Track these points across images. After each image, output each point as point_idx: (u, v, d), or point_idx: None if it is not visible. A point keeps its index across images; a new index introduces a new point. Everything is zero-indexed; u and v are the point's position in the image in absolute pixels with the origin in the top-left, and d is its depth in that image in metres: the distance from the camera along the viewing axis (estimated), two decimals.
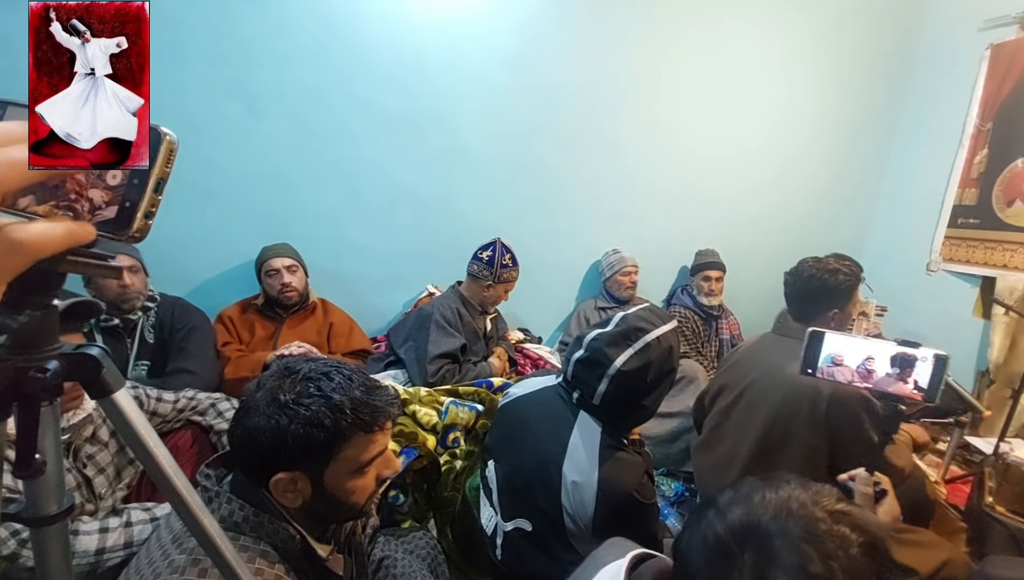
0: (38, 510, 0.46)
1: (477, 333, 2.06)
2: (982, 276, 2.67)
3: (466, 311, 2.01)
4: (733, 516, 0.58)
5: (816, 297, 1.46)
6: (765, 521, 0.57)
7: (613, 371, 1.02)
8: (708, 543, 0.58)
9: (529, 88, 2.37)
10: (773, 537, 0.55)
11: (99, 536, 0.95)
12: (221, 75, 1.92)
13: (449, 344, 1.86)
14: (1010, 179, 2.58)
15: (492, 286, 2.03)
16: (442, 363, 1.83)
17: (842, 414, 1.32)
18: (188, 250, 1.99)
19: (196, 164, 1.92)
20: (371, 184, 2.23)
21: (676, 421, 2.00)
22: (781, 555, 0.54)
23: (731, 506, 0.59)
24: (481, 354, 2.05)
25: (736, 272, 2.71)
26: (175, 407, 1.33)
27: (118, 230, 0.42)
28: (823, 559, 0.53)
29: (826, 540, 0.54)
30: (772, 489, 0.59)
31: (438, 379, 1.79)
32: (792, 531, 0.55)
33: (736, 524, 0.57)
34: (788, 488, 0.59)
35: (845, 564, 0.52)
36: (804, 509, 0.57)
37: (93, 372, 0.45)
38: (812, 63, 2.90)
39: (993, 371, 2.49)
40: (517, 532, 1.11)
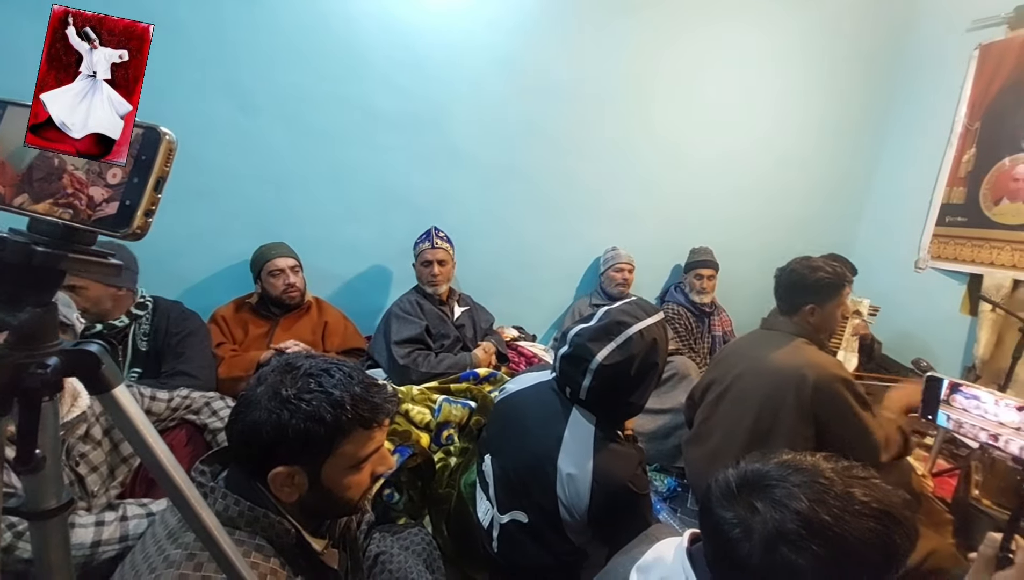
0: (38, 504, 0.47)
1: (443, 318, 2.11)
2: (969, 273, 2.71)
3: (424, 300, 2.10)
4: (746, 467, 0.61)
5: (794, 290, 1.53)
6: (771, 470, 0.59)
7: (595, 366, 1.03)
8: (720, 486, 0.61)
9: (523, 88, 2.38)
10: (773, 482, 0.58)
11: (95, 529, 0.95)
12: (213, 74, 1.91)
13: (410, 330, 1.95)
14: (997, 177, 2.62)
15: (418, 266, 2.14)
16: (410, 347, 1.91)
17: (826, 397, 1.35)
18: (180, 250, 1.98)
19: (188, 163, 1.90)
20: (365, 184, 2.23)
21: (668, 417, 2.02)
22: (775, 494, 0.56)
23: (750, 461, 0.62)
24: (452, 337, 2.07)
25: (729, 270, 2.74)
26: (169, 406, 1.33)
27: (118, 228, 0.43)
28: (811, 503, 0.54)
29: (824, 493, 0.55)
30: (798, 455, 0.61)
31: (410, 361, 1.87)
32: (791, 479, 0.57)
33: (745, 471, 0.61)
34: (815, 457, 0.61)
35: (838, 516, 0.53)
36: (814, 467, 0.58)
37: (93, 368, 0.45)
38: (803, 63, 2.93)
39: (979, 367, 2.53)
40: (513, 524, 1.13)
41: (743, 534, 0.56)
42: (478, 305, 2.30)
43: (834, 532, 0.52)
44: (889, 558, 0.54)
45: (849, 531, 0.53)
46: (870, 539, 0.53)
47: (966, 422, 0.81)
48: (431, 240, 2.11)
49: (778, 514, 0.55)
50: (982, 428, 0.79)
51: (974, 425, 0.80)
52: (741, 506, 0.57)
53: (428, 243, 2.11)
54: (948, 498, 1.80)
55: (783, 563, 0.53)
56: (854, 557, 0.52)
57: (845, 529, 0.53)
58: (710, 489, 0.62)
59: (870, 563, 0.53)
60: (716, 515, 0.59)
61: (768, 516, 0.55)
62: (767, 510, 0.55)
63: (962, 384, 0.81)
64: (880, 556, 0.53)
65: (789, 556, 0.53)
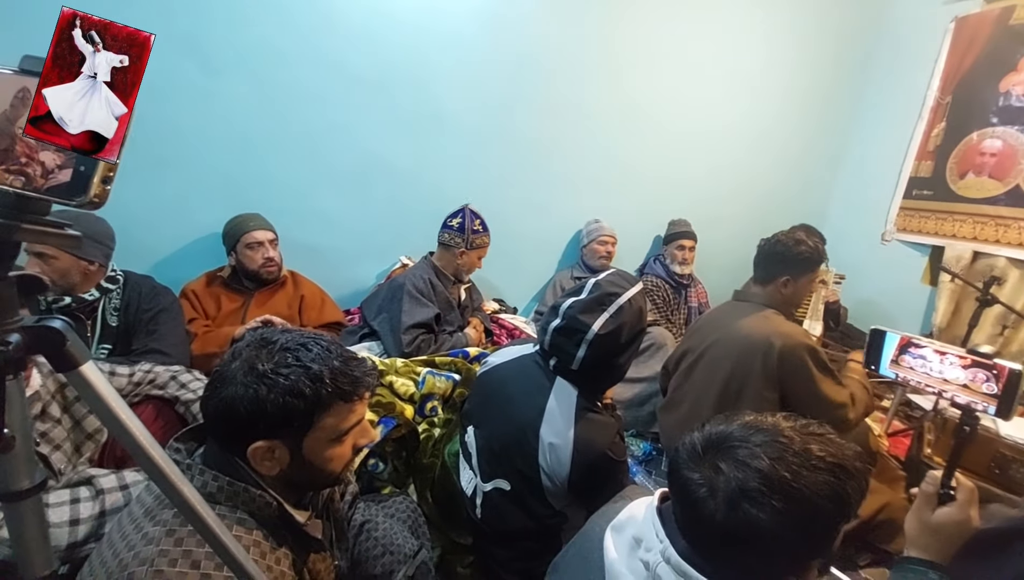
0: (10, 485, 0.45)
1: (451, 303, 2.06)
2: (931, 245, 2.83)
3: (439, 281, 2.01)
4: (711, 429, 0.64)
5: (773, 260, 1.57)
6: (734, 431, 0.62)
7: (591, 336, 1.06)
8: (686, 448, 0.64)
9: (504, 52, 2.31)
10: (736, 442, 0.61)
11: (70, 507, 0.94)
12: (172, 28, 1.78)
13: (422, 314, 1.86)
14: (964, 152, 2.70)
15: (465, 253, 2.03)
16: (417, 333, 1.83)
17: (791, 364, 1.42)
18: (143, 222, 1.88)
19: (148, 128, 1.79)
20: (339, 150, 2.14)
21: (645, 385, 2.09)
22: (738, 454, 0.59)
23: (715, 423, 0.65)
24: (456, 324, 2.05)
25: (705, 242, 2.78)
26: (131, 381, 1.28)
27: (73, 195, 0.41)
28: (772, 461, 0.57)
29: (784, 451, 0.58)
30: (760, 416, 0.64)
31: (414, 349, 1.79)
32: (753, 439, 0.60)
33: (710, 434, 0.64)
34: (776, 418, 0.64)
35: (796, 472, 0.57)
36: (774, 426, 0.62)
37: (57, 345, 0.44)
38: (781, 34, 2.92)
39: (936, 334, 2.67)
40: (496, 492, 1.16)
41: (708, 493, 0.59)
42: (473, 283, 2.28)
43: (792, 487, 0.56)
44: (842, 507, 0.58)
45: (806, 485, 0.56)
46: (825, 491, 0.57)
47: (912, 379, 0.86)
48: (488, 232, 2.08)
49: (741, 473, 0.58)
50: (927, 385, 0.85)
51: (919, 382, 0.85)
52: (706, 467, 0.60)
53: (487, 235, 2.07)
54: (902, 456, 1.93)
55: (745, 519, 0.56)
56: (810, 509, 0.56)
57: (803, 484, 0.56)
58: (677, 451, 0.65)
59: (825, 513, 0.57)
60: (683, 476, 0.62)
61: (731, 475, 0.58)
62: (730, 470, 0.58)
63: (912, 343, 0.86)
64: (834, 506, 0.57)
65: (751, 512, 0.56)
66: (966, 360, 0.79)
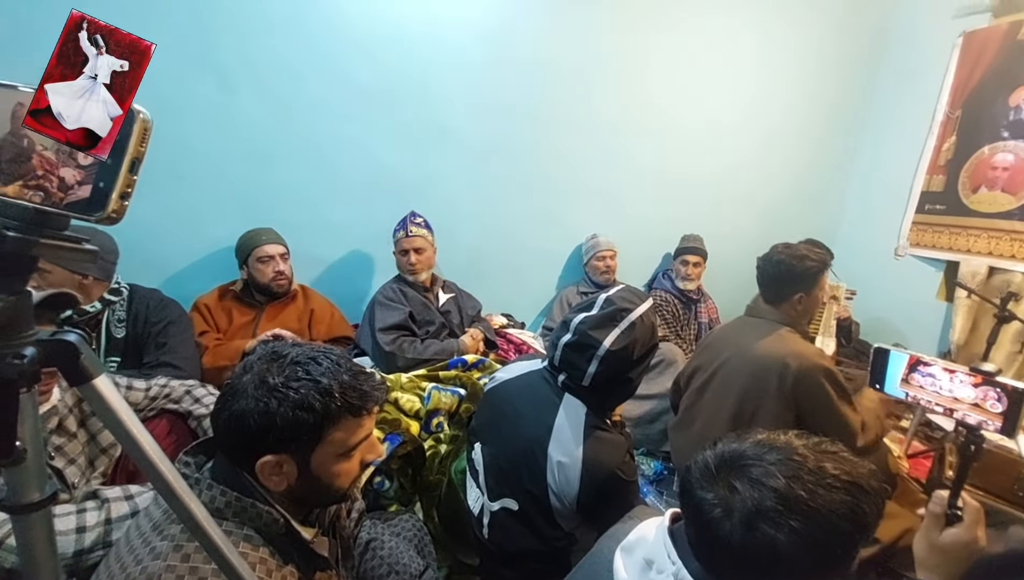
0: (20, 498, 0.45)
1: (428, 305, 2.09)
2: (946, 260, 2.78)
3: (408, 288, 2.09)
4: (723, 447, 0.63)
5: (784, 281, 1.54)
6: (747, 449, 0.61)
7: (603, 352, 1.05)
8: (699, 467, 0.63)
9: (510, 64, 2.34)
10: (750, 461, 0.60)
11: (76, 516, 0.94)
12: (187, 47, 1.83)
13: (394, 317, 1.94)
14: (976, 166, 2.67)
15: (396, 254, 2.11)
16: (394, 334, 1.90)
17: (808, 386, 1.39)
18: (159, 236, 1.92)
19: (164, 144, 1.83)
20: (348, 163, 2.18)
21: (655, 402, 2.06)
22: (752, 473, 0.58)
23: (727, 442, 0.64)
24: (437, 323, 2.07)
25: (716, 258, 2.77)
26: (147, 395, 1.29)
27: (92, 211, 0.41)
28: (787, 480, 0.56)
29: (799, 469, 0.57)
30: (772, 434, 0.63)
31: (395, 347, 1.86)
32: (767, 458, 0.59)
33: (723, 452, 0.62)
34: (788, 435, 0.62)
35: (812, 491, 0.55)
36: (788, 444, 0.61)
37: (71, 358, 0.44)
38: (789, 47, 2.94)
39: (954, 352, 2.61)
40: (504, 511, 1.14)
41: (724, 514, 0.57)
42: (464, 291, 2.29)
43: (809, 506, 0.55)
44: (859, 527, 0.56)
45: (823, 504, 0.55)
46: (842, 510, 0.56)
47: (923, 398, 0.85)
48: (406, 228, 2.07)
49: (756, 492, 0.56)
50: (937, 404, 0.83)
51: (929, 401, 0.84)
52: (721, 486, 0.59)
53: (403, 232, 2.07)
54: (923, 479, 1.87)
55: (763, 539, 0.55)
56: (828, 528, 0.55)
57: (819, 503, 0.55)
58: (690, 471, 0.64)
59: (843, 532, 0.56)
60: (697, 496, 0.61)
61: (747, 495, 0.57)
62: (746, 489, 0.57)
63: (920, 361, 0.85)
64: (851, 525, 0.56)
65: (768, 532, 0.55)
66: (976, 378, 0.78)
